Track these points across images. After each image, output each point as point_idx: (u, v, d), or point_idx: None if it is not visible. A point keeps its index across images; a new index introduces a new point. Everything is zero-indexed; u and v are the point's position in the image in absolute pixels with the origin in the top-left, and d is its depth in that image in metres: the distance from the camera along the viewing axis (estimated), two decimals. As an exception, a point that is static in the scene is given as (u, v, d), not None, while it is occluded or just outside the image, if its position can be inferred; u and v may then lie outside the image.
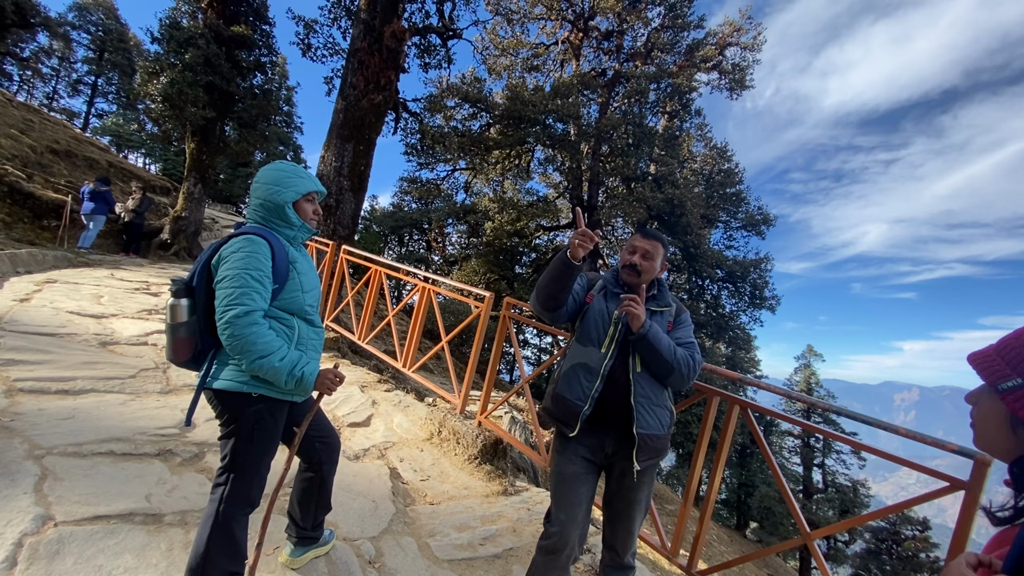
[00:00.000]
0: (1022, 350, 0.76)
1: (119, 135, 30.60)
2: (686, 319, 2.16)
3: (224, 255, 1.70)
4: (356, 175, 9.19)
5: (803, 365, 26.05)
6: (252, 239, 1.72)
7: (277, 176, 1.84)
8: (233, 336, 1.61)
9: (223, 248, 1.72)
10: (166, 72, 10.85)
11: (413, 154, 20.51)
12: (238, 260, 1.66)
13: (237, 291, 1.63)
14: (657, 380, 2.00)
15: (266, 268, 1.71)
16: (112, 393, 3.43)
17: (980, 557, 0.74)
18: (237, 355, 1.65)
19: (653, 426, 1.96)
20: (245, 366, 1.66)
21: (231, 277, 1.65)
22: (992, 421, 0.79)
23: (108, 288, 6.44)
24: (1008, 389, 0.75)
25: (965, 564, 0.72)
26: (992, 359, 0.79)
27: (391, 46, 9.38)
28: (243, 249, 1.68)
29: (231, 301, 1.62)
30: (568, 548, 1.97)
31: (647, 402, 1.96)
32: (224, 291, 1.64)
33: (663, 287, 2.17)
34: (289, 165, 1.90)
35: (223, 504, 1.72)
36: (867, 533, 21.16)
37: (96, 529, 2.08)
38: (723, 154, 23.39)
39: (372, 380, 5.30)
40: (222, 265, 1.69)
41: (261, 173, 1.86)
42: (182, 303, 1.70)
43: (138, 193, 10.83)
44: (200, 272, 1.74)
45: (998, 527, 0.78)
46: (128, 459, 2.68)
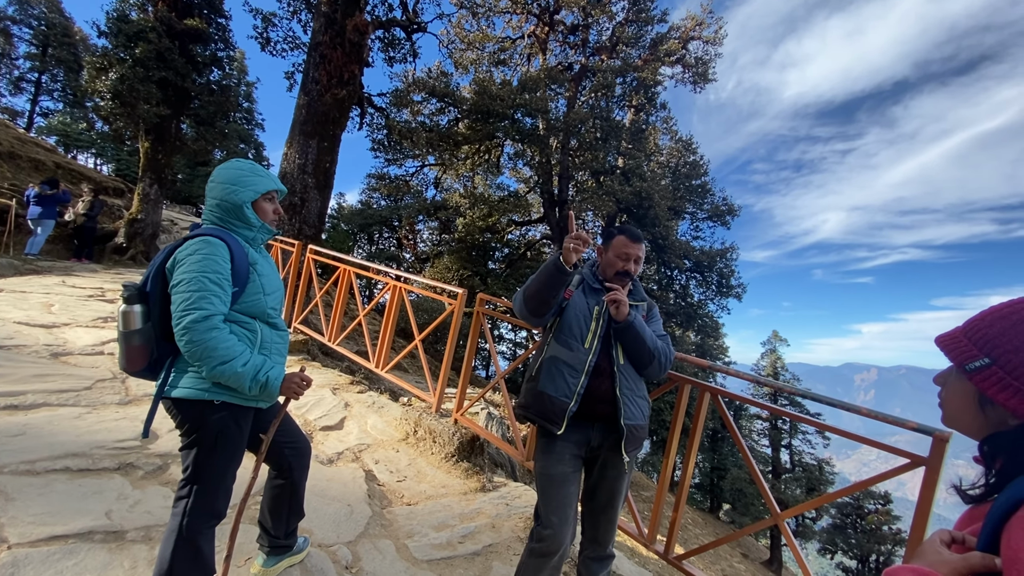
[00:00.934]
0: (989, 331, 0.78)
1: (67, 135, 29.01)
2: (657, 313, 2.23)
3: (179, 258, 1.63)
4: (321, 172, 8.95)
5: (769, 350, 26.88)
6: (209, 241, 1.64)
7: (234, 175, 1.77)
8: (192, 342, 1.54)
9: (178, 251, 1.64)
10: (115, 68, 10.32)
11: (380, 150, 20.17)
12: (195, 263, 1.59)
13: (195, 295, 1.56)
14: (637, 371, 2.05)
15: (225, 271, 1.64)
16: (66, 407, 3.26)
17: (953, 534, 0.75)
18: (197, 362, 1.58)
19: (637, 416, 2.01)
20: (206, 373, 1.60)
21: (188, 281, 1.58)
22: (960, 401, 0.82)
23: (59, 296, 6.12)
24: (975, 369, 0.77)
25: (939, 541, 0.74)
26: (959, 340, 0.81)
27: (354, 40, 9.16)
28: (200, 251, 1.61)
29: (188, 306, 1.56)
30: (562, 550, 1.97)
31: (631, 393, 2.00)
32: (181, 295, 1.57)
33: (636, 282, 2.20)
34: (246, 163, 1.82)
35: (187, 517, 1.66)
36: (833, 509, 22.10)
37: (53, 550, 1.98)
38: (688, 147, 23.85)
39: (344, 382, 5.21)
40: (178, 268, 1.61)
41: (217, 172, 1.78)
42: (135, 309, 1.63)
43: (89, 195, 10.33)
44: (154, 276, 1.66)
45: (970, 504, 0.80)
46: (86, 475, 2.55)
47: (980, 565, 0.65)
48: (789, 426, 23.50)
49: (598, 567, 2.14)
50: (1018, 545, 0.60)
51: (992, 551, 0.65)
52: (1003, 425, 0.76)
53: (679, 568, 2.77)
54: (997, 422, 0.77)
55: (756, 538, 22.36)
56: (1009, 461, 0.74)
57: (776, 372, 26.22)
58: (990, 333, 0.77)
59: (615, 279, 2.10)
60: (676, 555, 2.82)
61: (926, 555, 0.73)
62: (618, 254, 2.10)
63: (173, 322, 1.58)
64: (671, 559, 2.80)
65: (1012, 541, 0.61)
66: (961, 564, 0.67)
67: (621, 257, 2.10)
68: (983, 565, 0.65)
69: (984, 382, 0.76)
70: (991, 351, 0.76)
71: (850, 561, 21.58)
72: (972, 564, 0.66)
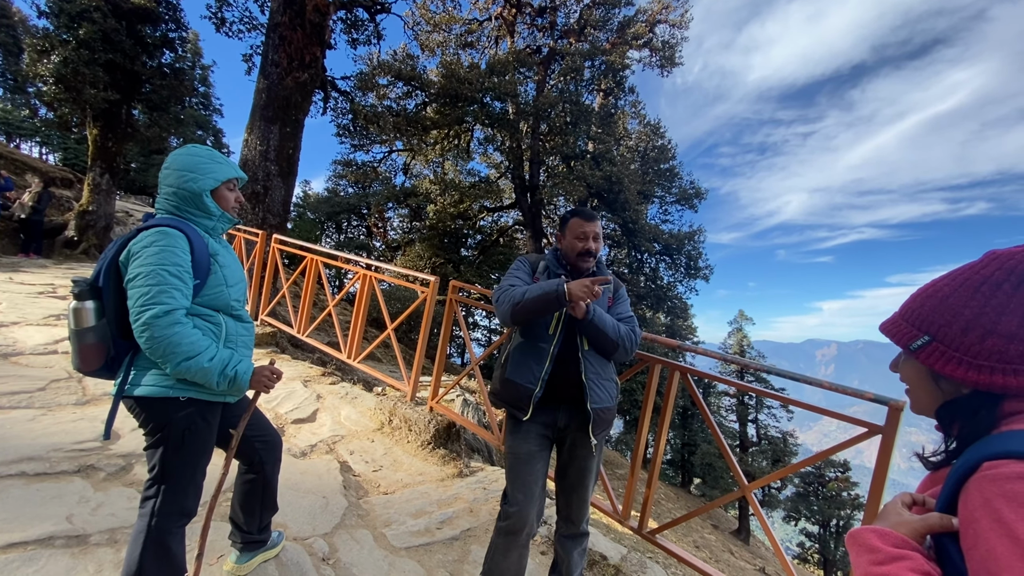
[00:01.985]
0: (922, 310, 0.82)
1: (8, 122, 27.19)
2: (623, 293, 2.23)
3: (134, 250, 1.54)
4: (284, 159, 8.66)
5: (736, 329, 27.72)
6: (167, 232, 1.56)
7: (192, 162, 1.68)
8: (153, 338, 1.48)
9: (132, 243, 1.56)
10: (58, 50, 9.68)
11: (346, 135, 19.63)
12: (152, 255, 1.52)
13: (153, 289, 1.49)
14: (603, 356, 2.07)
15: (185, 263, 1.57)
16: (19, 409, 3.11)
17: (914, 496, 0.79)
18: (160, 359, 1.52)
19: (604, 399, 2.03)
20: (170, 370, 1.53)
21: (145, 275, 1.50)
22: (916, 380, 0.85)
23: (6, 293, 5.80)
24: (919, 348, 0.81)
25: (900, 504, 0.77)
26: (899, 324, 0.85)
27: (314, 20, 8.83)
28: (157, 243, 1.53)
29: (148, 301, 1.48)
30: (528, 527, 2.01)
31: (597, 377, 2.03)
32: (139, 290, 1.49)
33: (601, 264, 2.21)
34: (204, 149, 1.74)
35: (155, 518, 1.61)
36: (796, 479, 23.14)
37: (12, 558, 1.90)
38: (656, 131, 24.04)
39: (316, 374, 5.12)
40: (133, 261, 1.53)
41: (172, 158, 1.69)
42: (87, 306, 1.54)
43: (37, 186, 9.75)
44: (107, 270, 1.57)
45: (932, 471, 0.84)
46: (43, 479, 2.45)
47: (938, 525, 0.68)
48: (755, 401, 24.37)
49: (572, 545, 2.18)
50: (974, 505, 0.63)
51: (951, 512, 0.68)
52: (958, 394, 0.79)
53: (653, 542, 2.86)
54: (952, 392, 0.80)
55: (726, 510, 23.27)
56: (965, 427, 0.77)
57: (743, 350, 27.09)
58: (923, 312, 0.81)
59: (580, 260, 2.10)
60: (650, 530, 2.90)
61: (888, 516, 0.76)
62: (576, 235, 2.11)
63: (132, 318, 1.50)
64: (645, 534, 2.89)
65: (969, 502, 0.64)
66: (919, 524, 0.70)
67: (579, 238, 2.10)
68: (941, 525, 0.68)
69: (929, 358, 0.79)
70: (928, 328, 0.80)
71: (812, 527, 22.72)
72: (930, 524, 0.69)
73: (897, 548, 0.68)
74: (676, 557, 2.75)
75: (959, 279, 0.79)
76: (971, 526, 0.62)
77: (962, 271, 0.79)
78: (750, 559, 14.72)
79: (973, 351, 0.74)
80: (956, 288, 0.78)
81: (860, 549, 0.71)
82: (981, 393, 0.75)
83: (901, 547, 0.68)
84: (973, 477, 0.65)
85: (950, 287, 0.79)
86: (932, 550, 0.69)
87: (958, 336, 0.76)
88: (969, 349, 0.75)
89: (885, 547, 0.69)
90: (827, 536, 22.05)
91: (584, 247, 2.09)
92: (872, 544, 0.70)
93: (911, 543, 0.68)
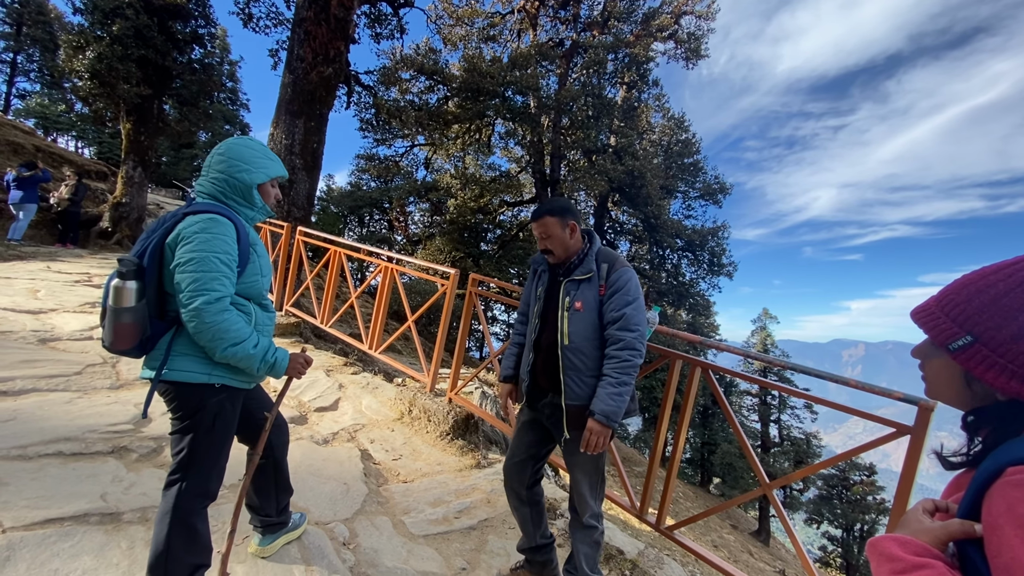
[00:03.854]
0: (967, 307, 0.74)
1: (45, 117, 28.19)
2: (618, 279, 2.01)
3: (185, 234, 1.56)
4: (309, 153, 8.79)
5: (759, 328, 27.19)
6: (217, 219, 1.60)
7: (248, 154, 1.73)
8: (204, 324, 1.53)
9: (183, 227, 1.58)
10: (92, 46, 9.99)
11: (369, 130, 19.80)
12: (203, 242, 1.55)
13: (205, 276, 1.53)
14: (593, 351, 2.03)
15: (233, 251, 1.62)
16: (56, 392, 3.24)
17: (937, 502, 0.75)
18: (207, 343, 1.56)
19: (583, 397, 2.00)
20: (218, 354, 1.58)
21: (198, 260, 1.53)
22: (946, 378, 0.80)
23: (45, 282, 6.03)
24: (959, 348, 0.75)
25: (922, 510, 0.74)
26: (937, 318, 0.78)
27: (339, 15, 8.90)
28: (208, 230, 1.57)
29: (200, 287, 1.52)
30: (511, 482, 2.30)
31: (576, 374, 2.00)
32: (190, 275, 1.52)
33: (586, 254, 2.10)
34: (258, 143, 1.80)
35: (181, 499, 1.66)
36: (819, 481, 22.66)
37: (49, 533, 1.98)
38: (680, 124, 23.66)
39: (338, 364, 5.21)
40: (183, 245, 1.55)
41: (228, 147, 1.73)
42: (129, 286, 1.53)
43: (72, 179, 10.09)
44: (152, 252, 1.58)
45: (950, 471, 0.80)
46: (79, 459, 2.55)
47: (960, 532, 0.65)
48: (778, 401, 23.93)
49: (577, 535, 2.21)
50: (998, 512, 0.60)
51: (974, 518, 0.65)
52: (989, 399, 0.74)
53: (671, 538, 2.84)
54: (984, 396, 0.75)
55: (745, 510, 22.96)
56: (995, 433, 0.72)
57: (766, 349, 26.57)
58: (969, 310, 0.74)
59: (548, 258, 2.14)
60: (668, 526, 2.88)
61: (909, 524, 0.73)
62: (537, 238, 2.14)
63: (182, 302, 1.54)
64: (663, 530, 2.87)
65: (992, 508, 0.61)
66: (941, 531, 0.67)
67: (538, 240, 2.13)
68: (963, 532, 0.65)
69: (969, 361, 0.73)
70: (972, 328, 0.73)
71: (835, 530, 22.24)
72: (951, 531, 0.66)
73: (918, 556, 0.65)
74: (694, 553, 2.73)
75: (1018, 277, 0.71)
76: (995, 533, 0.60)
77: (1020, 267, 0.71)
78: (769, 560, 14.51)
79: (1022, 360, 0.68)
80: (1013, 287, 0.70)
81: (880, 558, 0.68)
82: (1020, 403, 0.70)
83: (922, 555, 0.65)
84: (997, 483, 0.62)
85: (1005, 285, 0.71)
86: (955, 557, 0.66)
87: (1007, 342, 0.69)
88: (1017, 357, 0.68)
89: (906, 555, 0.65)
90: (850, 541, 21.56)
91: (540, 247, 2.14)
92: (892, 552, 0.67)
93: (933, 551, 0.65)
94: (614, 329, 1.96)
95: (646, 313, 2.16)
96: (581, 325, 2.00)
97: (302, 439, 3.41)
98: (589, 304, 2.01)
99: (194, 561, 1.71)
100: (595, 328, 2.01)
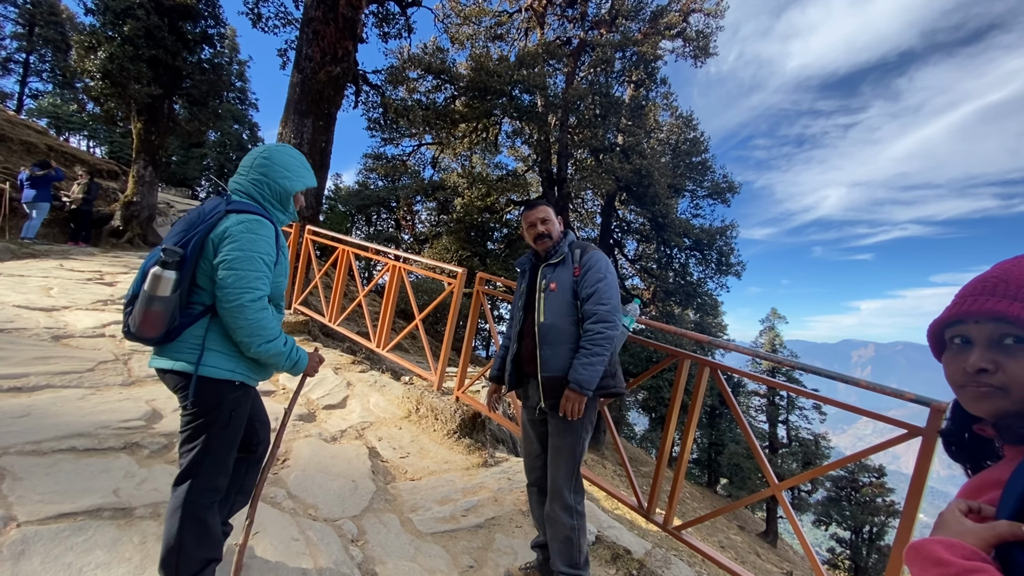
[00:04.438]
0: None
1: (57, 116, 28.52)
2: (590, 259, 2.19)
3: (233, 233, 1.61)
4: (317, 152, 8.84)
5: (767, 328, 27.02)
6: (262, 221, 1.67)
7: (291, 162, 1.82)
8: (246, 320, 1.59)
9: (230, 224, 1.62)
10: (104, 46, 10.09)
11: (376, 129, 19.85)
12: (250, 242, 1.62)
13: (251, 275, 1.60)
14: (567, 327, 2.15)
15: (274, 253, 1.70)
16: (69, 388, 3.28)
17: (969, 504, 0.71)
18: (243, 338, 1.62)
19: (557, 368, 2.12)
20: (252, 350, 1.64)
21: (244, 260, 1.60)
22: None
23: (58, 279, 6.11)
24: None
25: (959, 512, 0.70)
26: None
27: (347, 14, 8.94)
28: (254, 231, 1.64)
29: (246, 285, 1.59)
30: (530, 477, 2.39)
31: (550, 348, 2.14)
32: (236, 273, 1.59)
33: (562, 241, 2.29)
34: (299, 153, 1.90)
35: (192, 494, 1.68)
36: (828, 482, 22.50)
37: (63, 527, 2.01)
38: (688, 123, 23.50)
39: (346, 362, 5.24)
40: (230, 243, 1.60)
41: (272, 153, 1.81)
42: (168, 275, 1.54)
43: (84, 178, 10.22)
44: (195, 245, 1.60)
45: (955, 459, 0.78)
46: (92, 454, 2.58)
47: (1008, 533, 0.62)
48: (786, 402, 23.77)
49: (550, 528, 2.20)
50: None
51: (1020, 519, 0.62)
52: None
53: (678, 538, 2.83)
54: None
55: (752, 511, 22.83)
56: None
57: (774, 349, 26.39)
58: None
59: (538, 245, 2.28)
60: (675, 526, 2.87)
61: (948, 526, 0.69)
62: (526, 226, 2.30)
63: (226, 298, 1.58)
64: (670, 530, 2.86)
65: None
66: (988, 533, 0.63)
67: (529, 227, 2.29)
68: (1012, 533, 0.62)
69: None
70: None
71: (844, 532, 22.08)
72: (1000, 532, 0.63)
73: (968, 560, 0.61)
74: (701, 553, 2.72)
75: None
76: None
77: None
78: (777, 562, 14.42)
79: None
80: None
81: (926, 563, 0.64)
82: None
83: (971, 559, 0.61)
84: None
85: None
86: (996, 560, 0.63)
87: None
88: None
89: (955, 559, 0.61)
90: (859, 543, 21.39)
91: (532, 234, 2.28)
92: (940, 556, 0.63)
93: (981, 554, 0.62)
94: (588, 304, 2.10)
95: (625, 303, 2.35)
96: (555, 304, 2.16)
97: (311, 436, 3.43)
98: (563, 284, 2.17)
99: (206, 555, 1.72)
100: (568, 306, 2.15)
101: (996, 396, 0.73)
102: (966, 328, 0.77)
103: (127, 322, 1.62)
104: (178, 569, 1.66)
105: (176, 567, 1.66)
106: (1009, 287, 0.73)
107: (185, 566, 1.67)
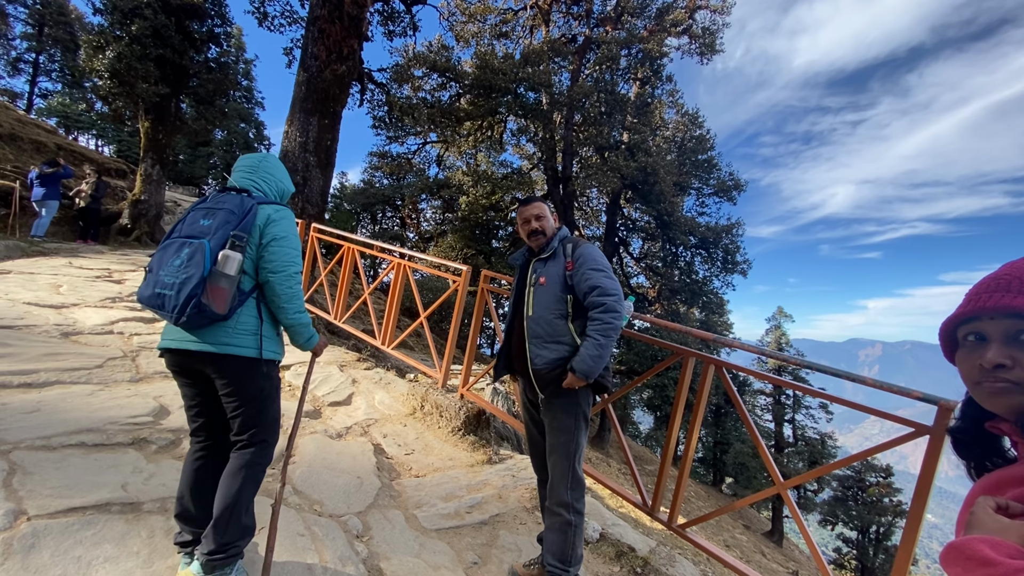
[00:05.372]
0: None
1: (66, 116, 28.75)
2: (583, 252, 2.20)
3: (275, 219, 1.88)
4: (323, 150, 8.88)
5: (774, 326, 26.85)
6: (291, 212, 1.98)
7: (284, 169, 2.14)
8: (291, 289, 1.87)
9: (271, 212, 1.88)
10: (112, 46, 10.16)
11: (381, 127, 19.90)
12: (291, 227, 1.92)
13: (294, 252, 1.89)
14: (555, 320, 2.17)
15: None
16: (78, 384, 3.31)
17: (998, 501, 0.70)
18: (284, 304, 1.86)
19: (546, 360, 2.14)
20: (289, 316, 1.89)
21: (291, 239, 1.89)
22: None
23: (67, 277, 6.16)
24: None
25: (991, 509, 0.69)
26: None
27: (352, 13, 8.96)
28: (289, 218, 1.94)
29: (292, 259, 1.88)
30: (542, 479, 2.38)
31: (539, 341, 2.16)
32: (286, 250, 1.87)
33: (561, 242, 2.31)
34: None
35: (256, 455, 1.87)
36: (834, 482, 22.34)
37: (72, 521, 2.03)
38: (694, 120, 23.38)
39: (351, 359, 5.26)
40: (276, 226, 1.86)
41: (271, 158, 2.09)
42: (236, 256, 1.74)
43: (92, 177, 10.30)
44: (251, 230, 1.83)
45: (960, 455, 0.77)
46: (100, 450, 2.61)
47: None
48: (792, 401, 23.64)
49: (546, 520, 2.23)
50: None
51: None
52: None
53: (683, 536, 2.83)
54: None
55: (758, 510, 22.75)
56: None
57: (781, 348, 26.23)
58: None
59: (532, 241, 2.32)
60: (679, 524, 2.87)
61: (984, 524, 0.67)
62: (520, 223, 2.34)
63: (278, 267, 1.84)
64: (675, 527, 2.86)
65: None
66: None
67: (523, 223, 2.33)
68: None
69: None
70: None
71: (850, 532, 21.94)
72: None
73: (1015, 559, 0.58)
74: (706, 552, 2.71)
75: None
76: None
77: None
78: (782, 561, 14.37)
79: None
80: None
81: (970, 563, 0.61)
82: None
83: (1017, 557, 0.59)
84: None
85: None
86: None
87: None
88: None
89: (1002, 559, 0.58)
90: (866, 543, 21.25)
91: (527, 229, 2.30)
92: (985, 556, 0.60)
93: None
94: (593, 296, 2.09)
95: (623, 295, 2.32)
96: (544, 297, 2.18)
97: (316, 433, 3.45)
98: (553, 278, 2.18)
99: (249, 523, 1.85)
100: (557, 300, 2.17)
101: (1014, 391, 0.73)
102: (981, 325, 0.77)
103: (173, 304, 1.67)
104: (227, 529, 1.75)
105: (227, 526, 1.75)
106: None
107: (235, 528, 1.77)
